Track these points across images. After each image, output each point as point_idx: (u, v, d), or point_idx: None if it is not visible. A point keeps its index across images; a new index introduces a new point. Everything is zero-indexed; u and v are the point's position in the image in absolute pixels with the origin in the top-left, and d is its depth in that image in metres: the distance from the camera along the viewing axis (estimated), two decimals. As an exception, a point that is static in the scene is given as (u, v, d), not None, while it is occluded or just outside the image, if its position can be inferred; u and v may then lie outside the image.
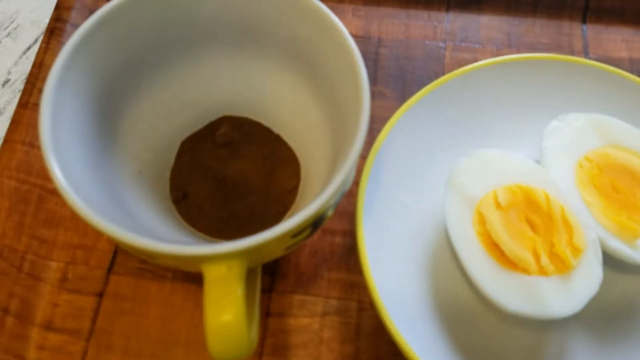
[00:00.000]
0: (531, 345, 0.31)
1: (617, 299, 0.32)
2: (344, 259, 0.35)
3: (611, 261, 0.31)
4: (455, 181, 0.32)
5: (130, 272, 0.34)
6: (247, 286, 0.25)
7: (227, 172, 0.34)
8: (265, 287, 0.34)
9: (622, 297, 0.32)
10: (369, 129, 0.27)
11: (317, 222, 0.27)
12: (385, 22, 0.43)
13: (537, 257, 0.29)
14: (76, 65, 0.28)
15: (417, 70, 0.41)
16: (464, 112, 0.36)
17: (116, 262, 0.34)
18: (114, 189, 0.30)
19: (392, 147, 0.34)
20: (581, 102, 0.36)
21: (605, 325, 0.31)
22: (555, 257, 0.29)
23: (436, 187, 0.34)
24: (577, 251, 0.29)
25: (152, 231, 0.29)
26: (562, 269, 0.29)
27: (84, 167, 0.28)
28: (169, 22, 0.31)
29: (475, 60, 0.40)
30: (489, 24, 0.43)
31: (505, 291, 0.29)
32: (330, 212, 0.28)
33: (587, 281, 0.29)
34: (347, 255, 0.35)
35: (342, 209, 0.35)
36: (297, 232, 0.26)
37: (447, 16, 0.43)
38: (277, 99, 0.34)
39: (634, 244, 0.31)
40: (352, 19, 0.43)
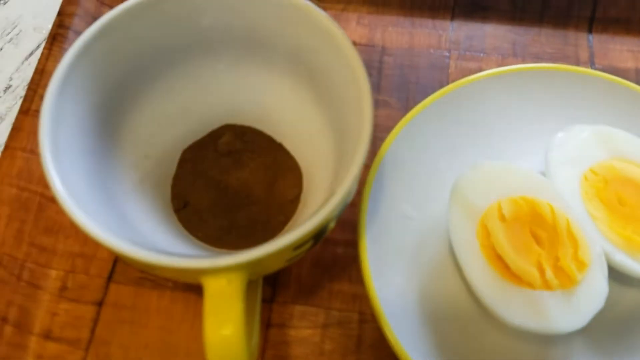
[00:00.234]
0: (535, 359, 0.31)
1: (622, 313, 0.31)
2: (346, 269, 0.34)
3: (617, 275, 0.31)
4: (459, 192, 0.32)
5: (130, 281, 0.34)
6: (247, 297, 0.25)
7: (228, 181, 0.34)
8: (266, 298, 0.33)
9: (628, 311, 0.31)
10: (373, 138, 0.27)
11: (319, 234, 0.26)
12: (389, 30, 0.43)
13: (541, 271, 0.29)
14: (77, 73, 0.28)
15: (421, 79, 0.41)
16: (468, 122, 0.36)
17: (116, 270, 0.34)
18: (113, 198, 0.29)
19: (396, 156, 0.34)
20: (587, 113, 0.36)
21: (610, 340, 0.31)
22: (560, 271, 0.29)
23: (440, 198, 0.33)
24: (582, 265, 0.29)
25: (152, 241, 0.29)
26: (567, 283, 0.29)
27: (84, 175, 0.28)
28: (171, 30, 0.31)
29: (480, 69, 0.40)
30: (494, 33, 0.43)
31: (508, 305, 0.29)
32: (332, 224, 0.27)
33: (592, 296, 0.29)
34: (350, 266, 0.34)
35: (345, 219, 0.35)
36: (299, 245, 0.25)
37: (451, 24, 0.43)
38: (280, 108, 0.34)
39: (640, 258, 0.30)
40: (356, 27, 0.43)
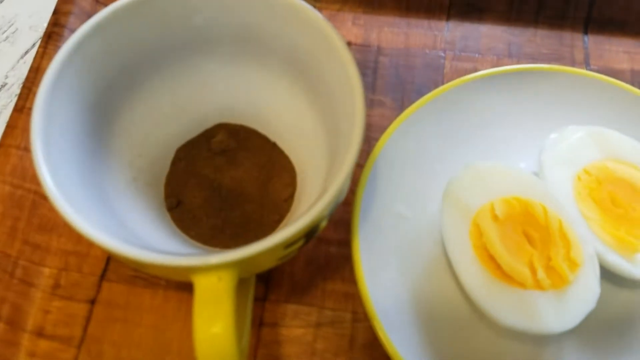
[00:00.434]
0: (527, 359, 0.31)
1: (614, 314, 0.31)
2: (340, 269, 0.34)
3: (609, 276, 0.31)
4: (452, 192, 0.32)
5: (123, 280, 0.34)
6: (239, 295, 0.25)
7: (222, 180, 0.34)
8: (258, 296, 0.33)
9: (620, 312, 0.31)
10: (367, 137, 0.27)
11: (310, 233, 0.26)
12: (385, 30, 0.43)
13: (533, 271, 0.29)
14: (70, 70, 0.28)
15: (416, 79, 0.40)
16: (462, 122, 0.36)
17: (109, 269, 0.34)
18: (106, 196, 0.29)
19: (390, 156, 0.34)
20: (581, 114, 0.36)
21: (602, 340, 0.31)
22: (552, 271, 0.29)
23: (433, 197, 0.33)
24: (574, 265, 0.29)
25: (144, 239, 0.29)
26: (559, 283, 0.29)
27: (76, 172, 0.27)
28: (165, 28, 0.31)
29: (475, 70, 0.40)
30: (489, 34, 0.43)
31: (500, 305, 0.29)
32: (324, 222, 0.27)
33: (584, 296, 0.29)
34: (343, 265, 0.34)
35: (338, 218, 0.35)
36: (290, 243, 0.25)
37: (447, 25, 0.43)
38: (274, 107, 0.34)
39: (633, 258, 0.30)
40: (352, 27, 0.43)
